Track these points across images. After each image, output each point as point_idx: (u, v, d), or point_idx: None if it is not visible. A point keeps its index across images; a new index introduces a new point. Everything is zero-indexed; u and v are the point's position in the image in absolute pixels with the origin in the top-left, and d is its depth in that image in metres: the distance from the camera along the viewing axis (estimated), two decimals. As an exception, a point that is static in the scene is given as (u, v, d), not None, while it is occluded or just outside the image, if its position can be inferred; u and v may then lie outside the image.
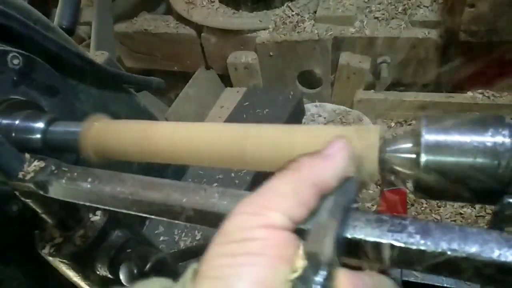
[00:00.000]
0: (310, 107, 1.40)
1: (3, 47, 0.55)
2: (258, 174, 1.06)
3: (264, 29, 1.44)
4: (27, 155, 0.49)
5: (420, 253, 0.27)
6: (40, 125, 0.51)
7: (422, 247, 0.27)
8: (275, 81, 1.51)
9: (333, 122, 1.33)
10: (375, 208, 1.04)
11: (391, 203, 0.96)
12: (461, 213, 1.03)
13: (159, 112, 1.44)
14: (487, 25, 1.09)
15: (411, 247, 0.27)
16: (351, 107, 1.39)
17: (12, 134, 0.52)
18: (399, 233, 0.28)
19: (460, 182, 0.29)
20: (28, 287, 0.67)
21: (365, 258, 0.29)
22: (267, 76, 1.51)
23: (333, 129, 0.38)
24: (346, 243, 0.29)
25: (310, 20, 1.41)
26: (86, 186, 0.42)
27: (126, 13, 1.73)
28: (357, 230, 0.29)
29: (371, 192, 1.08)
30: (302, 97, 1.37)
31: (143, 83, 0.96)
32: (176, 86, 1.61)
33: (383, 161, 0.33)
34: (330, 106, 1.40)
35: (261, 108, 1.27)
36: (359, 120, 1.31)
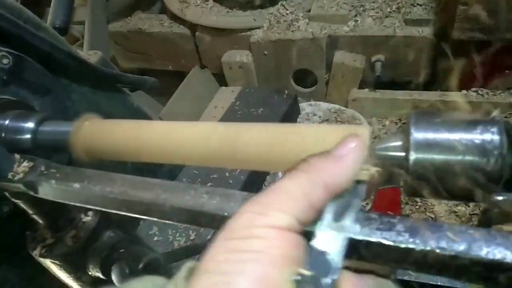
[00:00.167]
0: (305, 106, 1.40)
1: (-7, 47, 0.54)
2: (252, 174, 1.06)
3: (259, 28, 1.43)
4: (17, 156, 0.49)
5: (409, 252, 0.27)
6: (30, 125, 0.51)
7: (411, 246, 0.27)
8: (270, 80, 1.51)
9: (328, 121, 1.33)
10: (370, 207, 1.04)
11: (386, 202, 0.97)
12: (455, 212, 1.03)
13: (154, 112, 1.44)
14: (480, 23, 1.10)
15: (400, 246, 0.27)
16: (346, 106, 1.39)
17: (2, 135, 0.51)
18: (388, 232, 0.28)
19: (449, 180, 0.29)
20: (21, 289, 0.67)
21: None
22: (262, 75, 1.51)
23: (324, 128, 0.38)
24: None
25: (305, 19, 1.41)
26: (76, 186, 0.42)
27: (121, 12, 1.72)
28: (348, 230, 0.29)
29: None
30: (297, 96, 1.37)
31: (137, 83, 0.96)
32: (171, 86, 1.61)
33: (373, 160, 0.33)
34: (325, 105, 1.40)
35: (256, 107, 1.27)
36: (354, 119, 1.31)
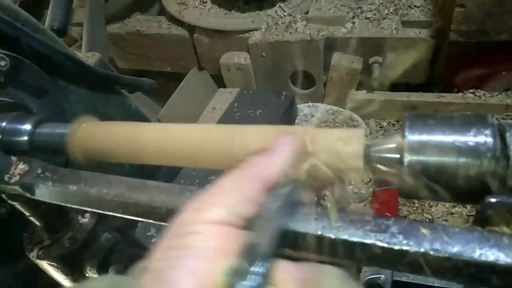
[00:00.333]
0: (303, 108, 1.40)
1: (-10, 49, 0.54)
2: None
3: (257, 30, 1.44)
4: (14, 158, 0.48)
5: (403, 254, 0.27)
6: (27, 127, 0.51)
7: (405, 247, 0.27)
8: (268, 82, 1.51)
9: (326, 122, 1.34)
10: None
11: (383, 203, 0.97)
12: (453, 213, 1.03)
13: (152, 113, 1.44)
14: (477, 25, 1.10)
15: (394, 247, 0.27)
16: (344, 107, 1.39)
17: (-1, 136, 0.51)
18: (382, 233, 0.28)
19: (443, 182, 0.29)
20: (18, 290, 0.67)
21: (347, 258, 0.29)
22: (260, 77, 1.51)
23: (318, 131, 0.38)
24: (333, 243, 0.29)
25: (302, 21, 1.41)
26: (73, 188, 0.42)
27: (119, 14, 1.72)
28: (341, 231, 0.29)
29: (363, 193, 1.08)
30: (295, 98, 1.37)
31: (135, 84, 0.96)
32: (169, 87, 1.61)
33: (368, 162, 0.34)
34: (323, 106, 1.40)
35: (254, 109, 1.27)
36: (352, 120, 1.32)
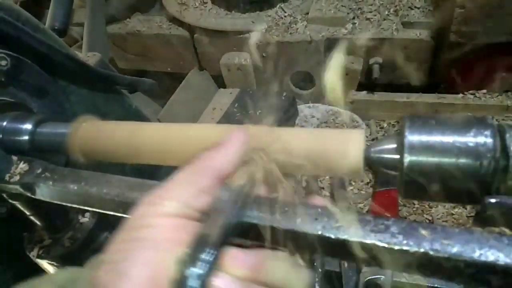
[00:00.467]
0: (303, 108, 1.40)
1: (-9, 48, 0.54)
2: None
3: (257, 31, 1.44)
4: (14, 157, 0.49)
5: (403, 253, 0.27)
6: (28, 127, 0.51)
7: (405, 247, 0.27)
8: (268, 82, 1.51)
9: (326, 123, 1.34)
10: (367, 209, 1.04)
11: (383, 204, 0.97)
12: (453, 214, 1.03)
13: (152, 113, 1.44)
14: (477, 26, 1.10)
15: (394, 247, 0.27)
16: (344, 108, 1.39)
17: (0, 136, 0.51)
18: (382, 233, 0.28)
19: (443, 183, 0.30)
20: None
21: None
22: (260, 77, 1.51)
23: (319, 132, 0.39)
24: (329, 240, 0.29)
25: (303, 21, 1.41)
26: (73, 188, 0.42)
27: (119, 14, 1.72)
28: (341, 231, 0.29)
29: (363, 193, 1.08)
30: (295, 98, 1.37)
31: (136, 84, 0.96)
32: (169, 87, 1.61)
33: (368, 162, 0.34)
34: (323, 107, 1.40)
35: (254, 109, 1.27)
36: (352, 121, 1.32)
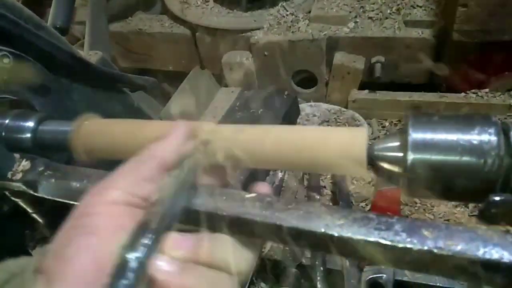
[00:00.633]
0: (305, 107, 1.40)
1: (-7, 46, 0.55)
2: (252, 174, 1.06)
3: (259, 29, 1.44)
4: (17, 155, 0.49)
5: (407, 251, 0.27)
6: (30, 124, 0.51)
7: (409, 245, 0.27)
8: (270, 81, 1.51)
9: (328, 122, 1.34)
10: (369, 208, 1.04)
11: (385, 203, 0.97)
12: (455, 213, 1.03)
13: (154, 112, 1.44)
14: (480, 25, 1.10)
15: (398, 245, 0.27)
16: (346, 107, 1.39)
17: (2, 133, 0.51)
18: (386, 231, 0.28)
19: (447, 181, 0.29)
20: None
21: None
22: (262, 76, 1.51)
23: (323, 130, 0.38)
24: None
25: (305, 20, 1.41)
26: (76, 185, 0.42)
27: (121, 13, 1.72)
28: (344, 229, 0.29)
29: (366, 192, 1.08)
30: (297, 97, 1.37)
31: (137, 83, 0.96)
32: (171, 86, 1.61)
33: (372, 160, 0.34)
34: (325, 106, 1.40)
35: (256, 108, 1.27)
36: (354, 120, 1.31)
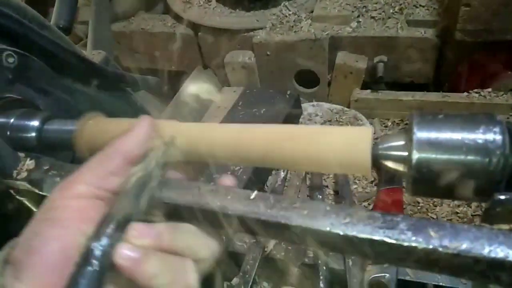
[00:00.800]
0: (307, 107, 1.40)
1: (-2, 46, 0.55)
2: (255, 173, 1.06)
3: (261, 29, 1.44)
4: (22, 154, 0.49)
5: (412, 250, 0.27)
6: (35, 124, 0.52)
7: (414, 244, 0.27)
8: (272, 81, 1.51)
9: (330, 122, 1.33)
10: (371, 208, 1.04)
11: (387, 202, 0.97)
12: (457, 212, 1.03)
13: (156, 111, 1.44)
14: (483, 25, 1.10)
15: (403, 244, 0.27)
16: (348, 107, 1.39)
17: (7, 133, 0.52)
18: (391, 230, 0.28)
19: (452, 180, 0.29)
20: None
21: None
22: (264, 76, 1.51)
23: (327, 129, 0.39)
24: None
25: (307, 20, 1.41)
26: (80, 184, 0.42)
27: (124, 13, 1.73)
28: (349, 227, 0.29)
29: (368, 192, 1.08)
30: (299, 97, 1.37)
31: (140, 83, 0.96)
32: (173, 86, 1.61)
33: (376, 159, 0.34)
34: (327, 106, 1.40)
35: (258, 108, 1.27)
36: (356, 120, 1.31)
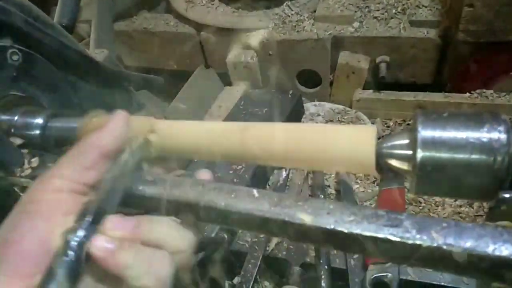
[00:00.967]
0: (309, 106, 1.40)
1: (3, 43, 0.55)
2: (257, 172, 1.06)
3: (264, 28, 1.44)
4: (26, 151, 0.49)
5: (416, 248, 0.27)
6: (39, 121, 0.52)
7: (418, 242, 0.27)
8: (275, 80, 1.51)
9: (332, 122, 1.33)
10: (373, 207, 1.04)
11: (389, 202, 0.96)
12: (459, 213, 1.03)
13: (158, 111, 1.44)
14: (486, 25, 1.09)
15: (407, 242, 0.28)
16: (350, 107, 1.39)
17: (11, 130, 0.52)
18: (396, 228, 0.28)
19: (456, 178, 0.30)
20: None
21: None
22: (266, 75, 1.51)
23: (331, 127, 0.39)
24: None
25: (310, 19, 1.41)
26: (84, 181, 0.42)
27: (126, 12, 1.73)
28: (354, 225, 0.29)
29: (369, 191, 1.08)
30: (301, 96, 1.37)
31: (143, 81, 0.97)
32: (176, 85, 1.61)
33: (380, 158, 0.34)
34: (329, 105, 1.40)
35: (260, 107, 1.27)
36: (358, 120, 1.31)
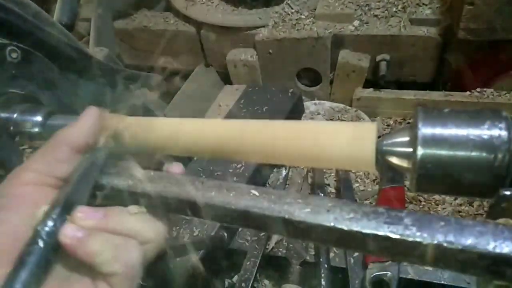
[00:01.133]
0: (309, 105, 1.40)
1: (2, 41, 0.55)
2: (256, 171, 1.06)
3: (264, 27, 1.44)
4: (25, 149, 0.49)
5: (417, 245, 0.27)
6: (38, 119, 0.52)
7: (418, 239, 0.27)
8: (274, 79, 1.51)
9: (332, 120, 1.33)
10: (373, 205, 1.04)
11: (389, 201, 0.96)
12: (460, 211, 1.03)
13: (158, 109, 1.44)
14: (486, 23, 1.09)
15: (408, 239, 0.27)
16: (350, 105, 1.39)
17: (10, 128, 0.52)
18: (396, 225, 0.28)
19: (456, 176, 0.29)
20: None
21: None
22: (267, 74, 1.51)
23: (331, 125, 0.39)
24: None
25: (310, 18, 1.41)
26: (83, 179, 0.42)
27: (126, 10, 1.73)
28: (354, 222, 0.29)
29: (369, 190, 1.08)
30: (301, 95, 1.37)
31: (142, 80, 0.96)
32: (175, 83, 1.61)
33: (380, 155, 0.34)
34: (329, 104, 1.40)
35: (260, 106, 1.27)
36: (358, 118, 1.31)
